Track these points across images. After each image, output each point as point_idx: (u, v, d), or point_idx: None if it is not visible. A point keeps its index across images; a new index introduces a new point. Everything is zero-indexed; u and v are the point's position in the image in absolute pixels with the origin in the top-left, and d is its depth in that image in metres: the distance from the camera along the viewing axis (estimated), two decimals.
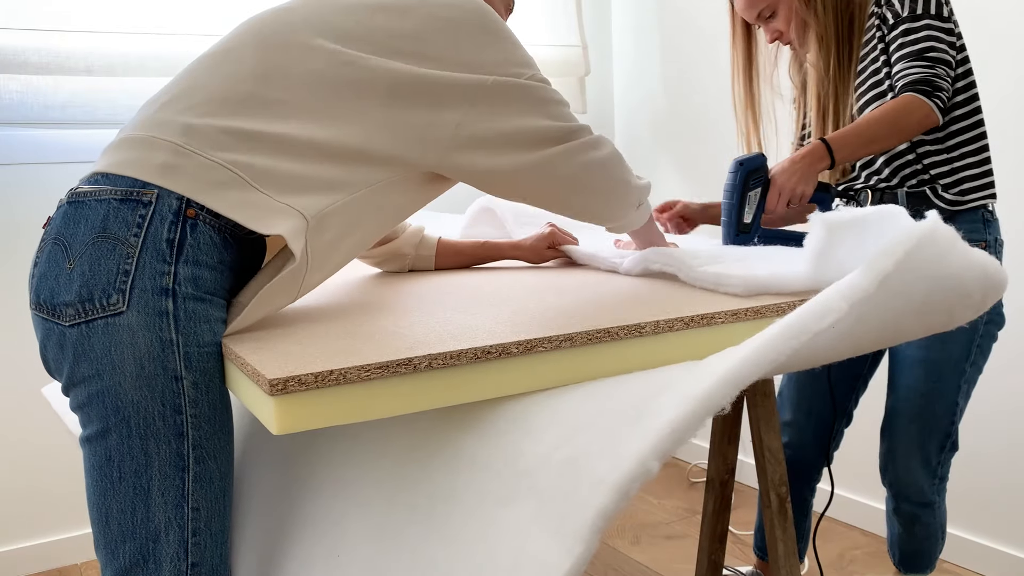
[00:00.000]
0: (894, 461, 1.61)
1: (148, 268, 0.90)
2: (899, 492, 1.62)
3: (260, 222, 0.93)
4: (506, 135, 1.02)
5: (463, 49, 1.01)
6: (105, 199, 0.92)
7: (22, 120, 2.18)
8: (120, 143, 0.99)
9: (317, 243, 0.96)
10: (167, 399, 0.91)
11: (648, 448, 0.72)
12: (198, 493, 0.95)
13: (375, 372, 0.80)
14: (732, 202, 1.46)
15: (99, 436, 0.92)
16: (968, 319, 1.00)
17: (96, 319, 0.89)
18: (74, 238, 0.92)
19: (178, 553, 0.94)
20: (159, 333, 0.90)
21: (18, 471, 2.29)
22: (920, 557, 1.69)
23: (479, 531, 0.80)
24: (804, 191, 1.47)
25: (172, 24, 2.31)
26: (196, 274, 0.92)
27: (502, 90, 1.02)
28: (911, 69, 1.46)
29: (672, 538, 2.40)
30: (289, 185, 0.95)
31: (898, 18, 1.48)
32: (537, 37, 2.88)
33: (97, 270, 0.90)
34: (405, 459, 0.95)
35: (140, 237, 0.90)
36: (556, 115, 1.06)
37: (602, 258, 1.38)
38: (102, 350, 0.90)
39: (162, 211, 0.91)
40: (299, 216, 0.94)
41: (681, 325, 0.96)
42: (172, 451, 0.92)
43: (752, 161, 1.46)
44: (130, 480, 0.92)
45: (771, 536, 1.27)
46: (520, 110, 1.03)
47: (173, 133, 0.95)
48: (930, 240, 0.85)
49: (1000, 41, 1.97)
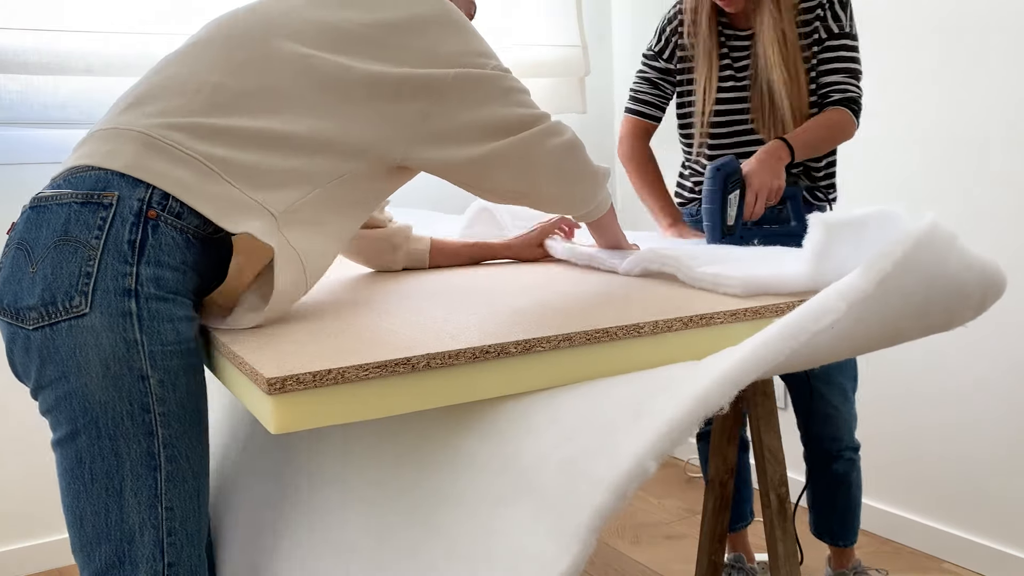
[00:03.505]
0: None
1: (110, 269, 0.90)
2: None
3: (228, 219, 0.94)
4: (471, 125, 1.04)
5: (427, 43, 1.03)
6: (66, 203, 0.92)
7: (22, 120, 2.18)
8: (89, 138, 0.99)
9: (291, 234, 0.97)
10: (134, 398, 0.91)
11: (646, 448, 0.72)
12: (171, 493, 0.94)
13: (373, 371, 0.80)
14: (714, 207, 1.51)
15: (69, 438, 0.92)
16: (968, 319, 1.00)
17: (60, 322, 0.89)
18: (36, 242, 0.92)
19: (154, 554, 0.94)
20: (123, 333, 0.90)
21: (18, 471, 2.29)
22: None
23: (477, 530, 0.80)
24: (779, 185, 1.56)
25: (172, 24, 2.31)
26: (158, 274, 0.92)
27: (465, 81, 1.03)
28: (847, 85, 1.64)
29: (672, 538, 2.40)
30: (260, 180, 0.96)
31: (837, 34, 1.63)
32: (537, 37, 2.88)
33: (59, 273, 0.90)
34: (403, 459, 0.95)
35: (101, 239, 0.90)
36: (518, 102, 1.07)
37: (602, 258, 1.38)
38: (67, 352, 0.90)
39: (123, 213, 0.92)
40: (267, 214, 0.95)
41: (680, 325, 0.96)
42: (143, 450, 0.92)
43: (728, 165, 1.51)
44: (102, 481, 0.92)
45: (771, 536, 1.27)
46: (483, 99, 1.05)
47: (145, 126, 0.96)
48: (929, 241, 0.84)
49: (1004, 45, 1.97)
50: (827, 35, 1.64)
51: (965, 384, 2.11)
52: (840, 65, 1.64)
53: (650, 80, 1.84)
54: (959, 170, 2.06)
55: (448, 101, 1.03)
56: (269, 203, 0.96)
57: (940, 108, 2.09)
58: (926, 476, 2.22)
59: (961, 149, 2.06)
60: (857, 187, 2.29)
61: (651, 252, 1.25)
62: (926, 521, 2.23)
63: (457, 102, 1.03)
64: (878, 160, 2.24)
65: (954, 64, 2.05)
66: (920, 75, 2.13)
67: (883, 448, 2.31)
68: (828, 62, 1.65)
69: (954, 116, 2.06)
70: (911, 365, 2.23)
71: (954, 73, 2.05)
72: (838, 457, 1.76)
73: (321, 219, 1.01)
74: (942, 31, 2.07)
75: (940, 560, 2.19)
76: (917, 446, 2.24)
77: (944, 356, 2.15)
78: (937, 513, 2.21)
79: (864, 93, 1.69)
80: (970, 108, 2.03)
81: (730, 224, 1.53)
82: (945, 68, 2.07)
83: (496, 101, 1.05)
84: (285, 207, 0.97)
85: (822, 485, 1.80)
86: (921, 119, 2.13)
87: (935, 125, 2.10)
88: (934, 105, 2.10)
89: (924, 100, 2.12)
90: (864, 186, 2.28)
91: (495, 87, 1.06)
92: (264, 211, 0.96)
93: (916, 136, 2.15)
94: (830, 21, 1.64)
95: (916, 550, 2.25)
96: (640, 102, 1.86)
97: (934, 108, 2.10)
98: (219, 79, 0.98)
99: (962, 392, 2.12)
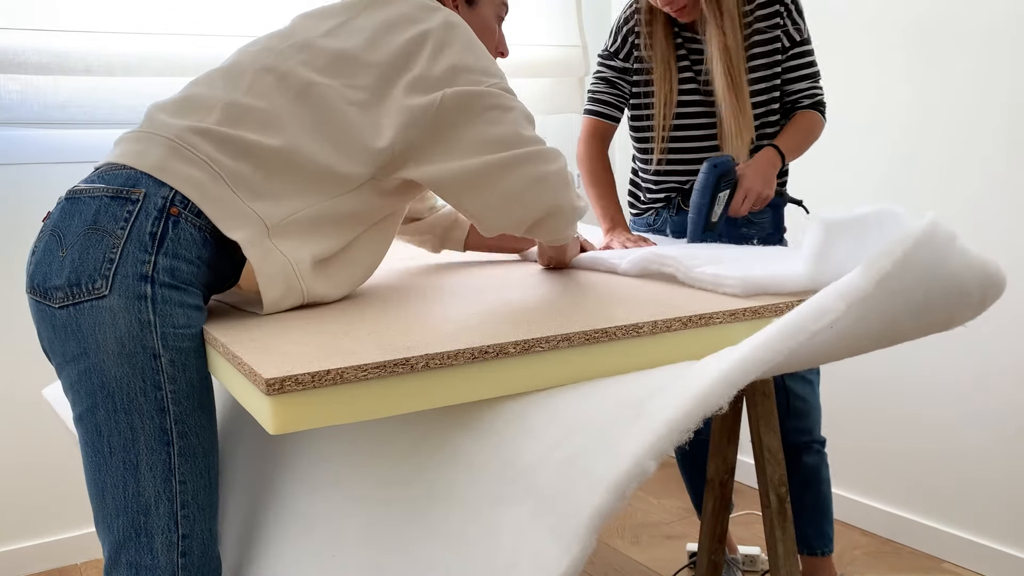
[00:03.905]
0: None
1: (131, 257, 0.98)
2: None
3: (224, 222, 1.03)
4: (462, 142, 1.07)
5: (427, 62, 1.09)
6: (98, 196, 1.01)
7: (22, 120, 2.18)
8: (124, 138, 1.10)
9: (287, 244, 1.05)
10: (147, 376, 0.98)
11: (645, 447, 0.72)
12: (184, 467, 1.01)
13: (372, 372, 0.80)
14: (703, 201, 1.53)
15: (89, 412, 0.99)
16: (968, 319, 0.99)
17: (83, 302, 0.98)
18: (68, 229, 1.01)
19: (168, 525, 1.00)
20: (138, 315, 0.98)
21: (18, 471, 2.29)
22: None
23: (477, 530, 0.80)
24: (768, 194, 1.61)
25: (172, 24, 2.31)
26: (174, 265, 1.00)
27: (462, 99, 1.07)
28: (814, 89, 1.74)
29: (672, 538, 2.40)
30: (259, 189, 1.05)
31: (799, 41, 1.71)
32: (537, 37, 2.88)
33: (86, 258, 0.98)
34: (402, 459, 0.95)
35: (126, 230, 0.99)
36: (511, 121, 1.09)
37: (602, 259, 1.38)
38: (88, 330, 0.98)
39: (148, 208, 1.00)
40: (260, 223, 1.04)
41: (679, 325, 0.96)
42: (156, 425, 0.99)
43: (724, 164, 1.54)
44: (119, 455, 0.99)
45: (771, 536, 1.27)
46: (474, 118, 1.08)
47: (171, 131, 1.06)
48: (929, 240, 0.84)
49: (1007, 49, 1.97)
50: (790, 43, 1.71)
51: (966, 383, 2.11)
52: (806, 71, 1.73)
53: (607, 80, 1.81)
54: (927, 169, 2.06)
55: (445, 118, 1.07)
56: (264, 213, 1.04)
57: (909, 108, 2.09)
58: (926, 476, 2.22)
59: (931, 148, 2.06)
60: (828, 188, 2.29)
61: (651, 252, 1.25)
62: (926, 521, 2.23)
63: (453, 119, 1.07)
64: (847, 160, 2.24)
65: (923, 63, 2.05)
66: (889, 74, 2.13)
67: (883, 448, 2.32)
68: (795, 69, 1.73)
69: (923, 115, 2.06)
70: (911, 365, 2.23)
71: (925, 72, 2.05)
72: (807, 449, 1.75)
73: (321, 230, 1.08)
74: (910, 31, 2.07)
75: (940, 560, 2.19)
76: (918, 446, 2.23)
77: (944, 356, 2.15)
78: (937, 513, 2.21)
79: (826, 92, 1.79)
80: (941, 107, 2.03)
81: (714, 221, 1.56)
82: (914, 67, 2.07)
83: (487, 119, 1.08)
84: (280, 219, 1.05)
85: (792, 484, 1.77)
86: (891, 119, 2.13)
87: (903, 125, 2.11)
88: (904, 104, 2.10)
89: (894, 99, 2.12)
90: (835, 187, 2.28)
91: (491, 104, 1.08)
92: (258, 220, 1.04)
93: (886, 135, 2.15)
94: (791, 29, 1.70)
95: (916, 550, 2.25)
96: (598, 102, 1.82)
97: (904, 108, 2.10)
98: (243, 102, 1.08)
99: (963, 392, 2.12)
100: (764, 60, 1.70)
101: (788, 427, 1.75)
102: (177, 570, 1.00)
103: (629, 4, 1.81)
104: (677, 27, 1.75)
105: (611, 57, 1.81)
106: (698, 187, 1.54)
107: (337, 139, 1.07)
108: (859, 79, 2.27)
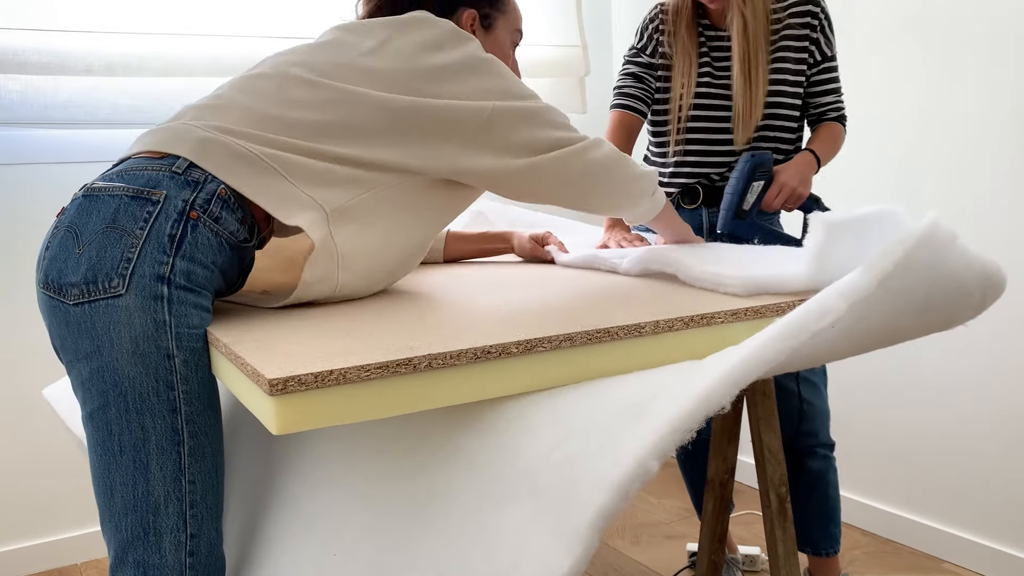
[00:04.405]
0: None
1: (149, 257, 0.98)
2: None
3: (283, 210, 1.04)
4: (511, 145, 1.13)
5: (464, 83, 1.13)
6: (118, 195, 1.01)
7: (22, 120, 2.18)
8: (148, 133, 1.10)
9: (340, 232, 1.06)
10: (160, 376, 0.98)
11: (648, 447, 0.72)
12: (194, 466, 1.01)
13: (375, 372, 0.80)
14: (737, 188, 1.58)
15: (100, 411, 0.99)
16: (968, 319, 1.00)
17: (98, 300, 0.97)
18: (85, 227, 1.00)
19: (177, 525, 1.00)
20: (153, 315, 0.98)
21: (18, 471, 2.29)
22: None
23: (479, 530, 0.80)
24: (802, 193, 1.64)
25: (172, 24, 2.31)
26: (190, 269, 1.01)
27: (504, 112, 1.12)
28: (839, 103, 1.80)
29: (672, 538, 2.40)
30: (315, 179, 1.06)
31: (829, 56, 1.77)
32: (537, 37, 2.88)
33: (103, 256, 0.98)
34: (404, 458, 0.95)
35: (145, 230, 0.99)
36: (555, 125, 1.16)
37: (602, 259, 1.38)
38: (102, 328, 0.97)
39: (168, 210, 1.01)
40: (319, 208, 1.06)
41: (681, 325, 0.96)
42: (167, 425, 0.99)
43: (763, 155, 1.59)
44: (130, 454, 0.98)
45: (771, 536, 1.27)
46: (521, 126, 1.14)
47: (209, 126, 1.07)
48: (930, 240, 0.84)
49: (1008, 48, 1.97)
50: (821, 57, 1.76)
51: (966, 383, 2.11)
52: (833, 86, 1.79)
53: (634, 75, 1.84)
54: (937, 170, 2.07)
55: (491, 128, 1.12)
56: (322, 199, 1.06)
57: (920, 111, 2.09)
58: (926, 476, 2.22)
59: (941, 149, 2.06)
60: (838, 189, 2.29)
61: (652, 252, 1.25)
62: (926, 521, 2.23)
63: (503, 125, 1.13)
64: (856, 162, 2.24)
65: (931, 63, 2.05)
66: (896, 76, 2.13)
67: (883, 448, 2.32)
68: (823, 83, 1.79)
69: (932, 116, 2.06)
70: (911, 366, 2.23)
71: (931, 72, 2.05)
72: (812, 454, 1.74)
73: (371, 221, 1.10)
74: (916, 30, 2.07)
75: (940, 560, 2.19)
76: (918, 446, 2.24)
77: (945, 357, 2.15)
78: (937, 513, 2.21)
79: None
80: (949, 108, 2.03)
81: (745, 208, 1.59)
82: (922, 68, 2.07)
83: (535, 126, 1.14)
84: (338, 204, 1.07)
85: (798, 487, 1.77)
86: (902, 119, 2.14)
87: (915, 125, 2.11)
88: (913, 106, 2.10)
89: (902, 101, 2.12)
90: (845, 188, 2.28)
91: (535, 116, 1.15)
92: (317, 206, 1.06)
93: (896, 137, 2.15)
94: (823, 45, 1.75)
95: (916, 550, 2.25)
96: (625, 95, 1.84)
97: (913, 109, 2.10)
98: (274, 111, 1.09)
99: (963, 391, 2.12)
100: (792, 54, 1.74)
101: (793, 431, 1.74)
102: (185, 569, 1.00)
103: (655, 4, 1.86)
104: (701, 26, 1.79)
105: (637, 54, 1.85)
106: (734, 175, 1.59)
107: (388, 144, 1.10)
108: (867, 81, 2.27)
